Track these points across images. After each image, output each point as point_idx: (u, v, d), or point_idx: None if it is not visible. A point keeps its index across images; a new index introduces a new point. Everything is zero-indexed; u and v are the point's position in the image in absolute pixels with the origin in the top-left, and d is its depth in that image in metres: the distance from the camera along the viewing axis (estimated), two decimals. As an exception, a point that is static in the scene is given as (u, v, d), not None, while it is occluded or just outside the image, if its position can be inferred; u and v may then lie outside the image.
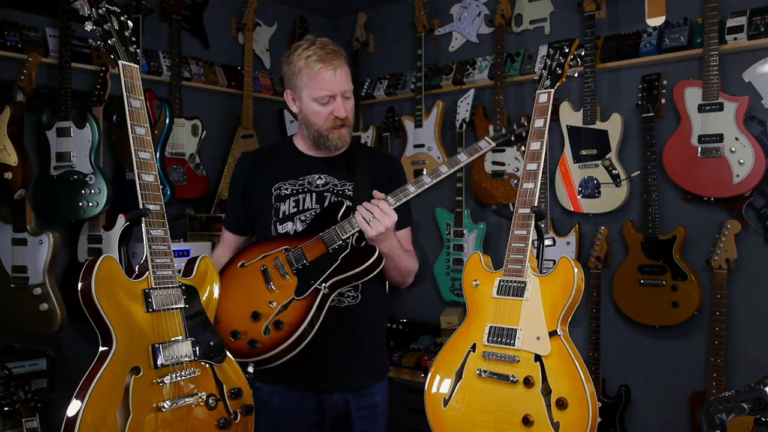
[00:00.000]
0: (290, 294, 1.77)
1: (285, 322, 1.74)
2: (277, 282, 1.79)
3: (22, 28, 2.86)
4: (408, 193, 1.82)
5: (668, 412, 2.99)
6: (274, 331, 1.73)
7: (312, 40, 1.89)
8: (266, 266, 1.82)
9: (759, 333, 2.76)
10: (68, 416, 1.41)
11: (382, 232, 1.75)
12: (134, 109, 1.61)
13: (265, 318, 1.75)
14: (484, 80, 3.52)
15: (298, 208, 1.90)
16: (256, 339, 1.73)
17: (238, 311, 1.77)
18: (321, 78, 1.83)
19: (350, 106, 1.90)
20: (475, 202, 3.56)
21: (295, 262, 1.79)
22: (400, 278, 1.96)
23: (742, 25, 2.71)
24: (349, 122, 1.90)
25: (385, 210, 1.76)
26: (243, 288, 1.82)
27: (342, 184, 1.93)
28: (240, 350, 1.73)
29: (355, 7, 4.13)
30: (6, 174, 2.62)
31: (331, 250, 1.79)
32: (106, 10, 1.61)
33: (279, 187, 1.92)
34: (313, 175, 1.93)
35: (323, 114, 1.86)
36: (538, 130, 1.86)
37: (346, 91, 1.87)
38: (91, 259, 1.50)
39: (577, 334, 3.10)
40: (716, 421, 1.36)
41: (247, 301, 1.79)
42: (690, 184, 2.82)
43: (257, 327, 1.74)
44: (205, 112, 3.55)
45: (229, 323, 1.76)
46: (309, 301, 1.75)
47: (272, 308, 1.75)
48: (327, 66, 1.83)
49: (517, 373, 1.68)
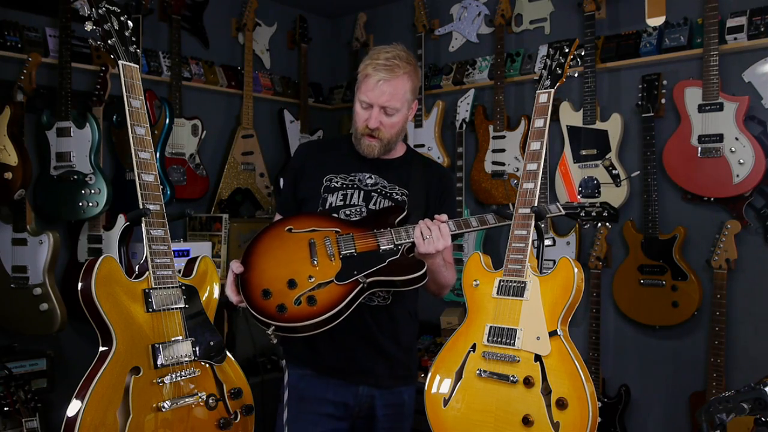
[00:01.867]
0: (331, 275, 1.75)
1: (318, 299, 1.72)
2: (322, 260, 1.78)
3: (22, 28, 2.86)
4: (469, 224, 1.84)
5: (668, 412, 2.99)
6: (306, 305, 1.71)
7: (390, 48, 1.90)
8: (315, 240, 1.81)
9: (759, 333, 2.75)
10: (68, 416, 1.41)
11: (432, 253, 1.77)
12: (134, 109, 1.62)
13: (300, 288, 1.73)
14: (484, 80, 3.52)
15: (344, 202, 1.92)
16: (285, 305, 1.71)
17: (276, 273, 1.76)
18: (366, 83, 1.86)
19: (390, 122, 1.88)
20: (475, 202, 3.56)
21: (344, 248, 1.79)
22: (437, 290, 2.00)
23: (742, 25, 2.71)
24: (382, 136, 1.89)
25: (444, 234, 1.77)
26: (285, 252, 1.80)
27: (391, 187, 1.95)
28: (266, 310, 1.71)
29: (355, 7, 4.13)
30: (6, 174, 2.62)
31: (382, 250, 1.79)
32: (106, 10, 1.61)
33: (330, 179, 1.95)
34: (364, 173, 1.96)
35: (361, 117, 1.89)
36: (538, 130, 1.86)
37: (386, 107, 1.86)
38: (91, 259, 1.51)
39: (577, 334, 3.10)
40: (716, 421, 1.36)
41: (287, 266, 1.77)
42: (690, 184, 2.82)
43: (290, 294, 1.72)
44: (205, 112, 3.55)
45: (263, 281, 1.74)
46: (347, 289, 1.74)
47: (310, 282, 1.74)
48: (375, 75, 1.84)
49: (517, 373, 1.68)
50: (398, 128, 1.92)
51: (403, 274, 1.77)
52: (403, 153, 2.04)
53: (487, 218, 1.88)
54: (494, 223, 1.86)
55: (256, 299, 1.70)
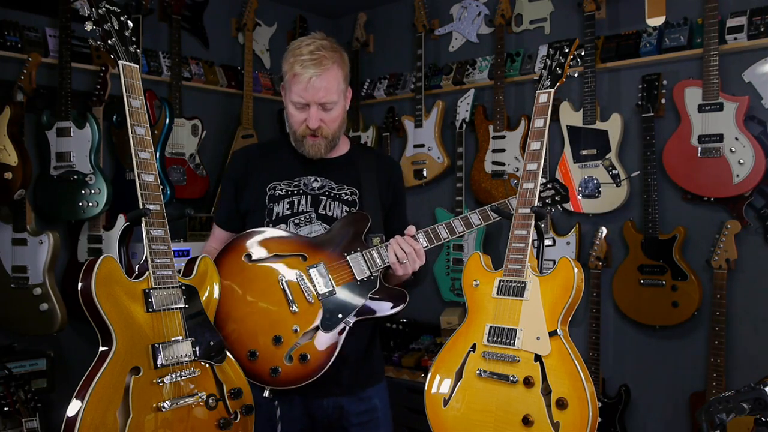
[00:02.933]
0: (313, 320, 1.68)
1: (311, 356, 1.66)
2: (301, 304, 1.70)
3: (22, 28, 2.86)
4: (440, 237, 1.79)
5: (668, 412, 2.99)
6: (298, 363, 1.66)
7: (310, 40, 1.81)
8: (285, 280, 1.72)
9: (759, 333, 2.75)
10: (68, 416, 1.41)
11: (409, 273, 1.75)
12: (134, 109, 1.61)
13: (287, 344, 1.67)
14: (484, 80, 3.52)
15: (292, 211, 1.84)
16: (278, 367, 1.66)
17: (255, 325, 1.68)
18: (296, 82, 1.76)
19: (330, 117, 1.79)
20: (475, 202, 3.56)
21: (321, 286, 1.71)
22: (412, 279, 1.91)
23: (742, 25, 2.71)
24: (326, 133, 1.81)
25: (420, 254, 1.75)
26: (257, 294, 1.71)
27: (340, 188, 1.87)
28: (259, 375, 1.67)
29: (355, 7, 4.13)
30: (6, 174, 2.62)
31: (359, 281, 1.74)
32: (106, 10, 1.61)
33: (273, 186, 1.86)
34: (309, 177, 1.87)
35: (298, 119, 1.80)
36: (538, 130, 1.86)
37: (325, 103, 1.77)
38: (91, 259, 1.50)
39: (577, 334, 3.10)
40: (716, 421, 1.36)
41: (265, 315, 1.69)
42: (690, 184, 2.82)
43: (278, 353, 1.66)
44: (205, 112, 3.55)
45: (247, 340, 1.67)
46: (335, 336, 1.69)
47: (295, 335, 1.67)
48: (304, 72, 1.74)
49: (517, 373, 1.68)
50: (339, 121, 1.83)
51: (386, 310, 1.75)
52: (347, 149, 1.95)
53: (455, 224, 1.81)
54: (462, 231, 1.81)
55: (244, 362, 1.67)
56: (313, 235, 1.82)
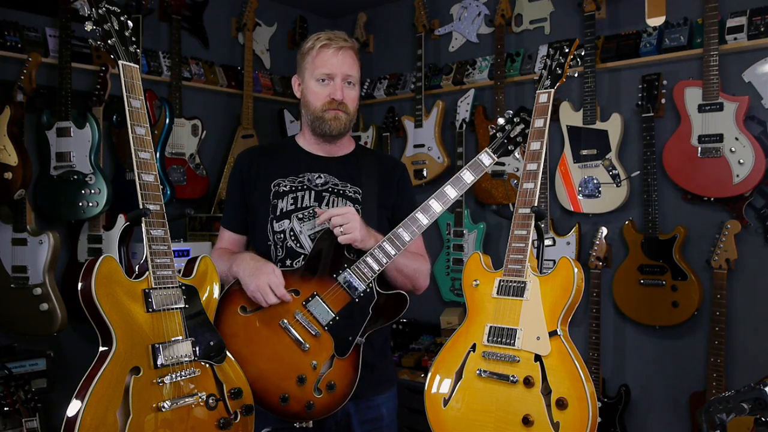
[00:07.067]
0: (329, 350, 1.71)
1: (337, 383, 1.70)
2: (309, 340, 1.71)
3: (22, 28, 2.86)
4: (421, 226, 1.76)
5: (668, 412, 2.99)
6: (327, 393, 1.69)
7: (327, 31, 1.90)
8: (286, 321, 1.72)
9: (759, 333, 2.76)
10: (68, 416, 1.41)
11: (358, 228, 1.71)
12: (134, 109, 1.61)
13: (312, 380, 1.69)
14: (484, 80, 3.52)
15: (296, 206, 1.85)
16: (311, 402, 1.69)
17: (278, 376, 1.70)
18: (322, 56, 1.82)
19: (350, 95, 1.85)
20: (475, 202, 3.56)
21: (323, 316, 1.72)
22: (408, 282, 1.89)
23: (742, 25, 2.71)
24: (348, 110, 1.85)
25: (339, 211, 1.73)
26: (267, 347, 1.72)
27: (343, 185, 1.89)
28: (298, 414, 1.70)
29: (355, 7, 4.13)
30: (6, 174, 2.62)
31: (357, 299, 1.74)
32: (106, 10, 1.61)
33: (278, 183, 1.88)
34: (313, 173, 1.89)
35: (321, 94, 1.83)
36: (538, 130, 1.86)
37: (348, 76, 1.83)
38: (91, 259, 1.50)
39: (577, 334, 3.10)
40: (716, 421, 1.36)
41: (281, 361, 1.71)
42: (690, 184, 2.82)
43: (307, 389, 1.69)
44: (205, 112, 3.55)
45: (274, 389, 1.70)
46: (352, 357, 1.71)
47: (315, 370, 1.70)
48: (330, 46, 1.82)
49: (517, 373, 1.68)
50: (356, 103, 1.89)
51: (392, 316, 1.77)
52: (352, 148, 1.98)
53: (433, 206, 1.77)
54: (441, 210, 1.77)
55: (278, 408, 1.70)
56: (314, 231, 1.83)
